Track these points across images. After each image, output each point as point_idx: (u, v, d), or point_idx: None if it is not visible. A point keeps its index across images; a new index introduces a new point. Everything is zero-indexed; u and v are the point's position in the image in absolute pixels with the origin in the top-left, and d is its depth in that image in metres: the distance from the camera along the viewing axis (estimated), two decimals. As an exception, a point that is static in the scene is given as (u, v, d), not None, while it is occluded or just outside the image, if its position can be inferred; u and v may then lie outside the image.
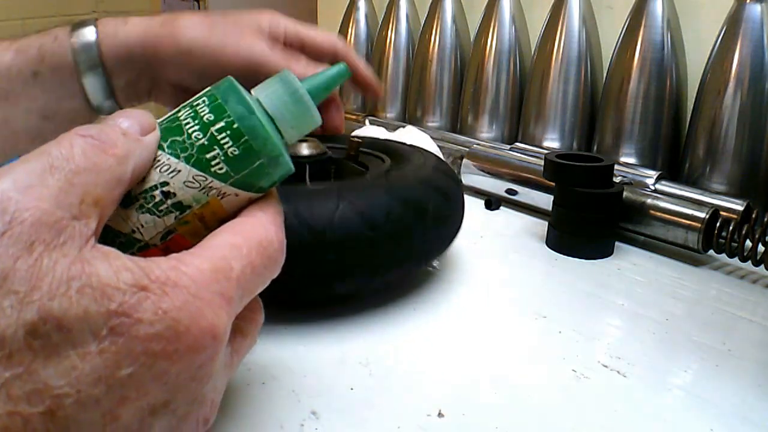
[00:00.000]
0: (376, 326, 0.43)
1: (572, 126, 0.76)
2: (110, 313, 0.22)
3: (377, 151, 0.55)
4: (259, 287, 0.27)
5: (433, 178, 0.47)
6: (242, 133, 0.27)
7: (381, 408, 0.35)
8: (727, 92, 0.63)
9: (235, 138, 0.27)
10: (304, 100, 0.29)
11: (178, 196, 0.27)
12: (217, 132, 0.27)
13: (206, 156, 0.27)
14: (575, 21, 0.74)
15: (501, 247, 0.60)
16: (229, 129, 0.27)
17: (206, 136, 0.27)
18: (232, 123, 0.27)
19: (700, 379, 0.39)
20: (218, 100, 0.27)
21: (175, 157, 0.27)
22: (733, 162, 0.64)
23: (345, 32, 1.02)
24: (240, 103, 0.27)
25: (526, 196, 0.68)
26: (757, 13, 0.61)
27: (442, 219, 0.46)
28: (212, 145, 0.27)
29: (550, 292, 0.51)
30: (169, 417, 0.24)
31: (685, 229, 0.55)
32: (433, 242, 0.46)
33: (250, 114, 0.27)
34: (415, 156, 0.52)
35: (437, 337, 0.43)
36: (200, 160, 0.27)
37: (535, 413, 0.36)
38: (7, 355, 0.21)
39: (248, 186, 0.28)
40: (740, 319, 0.47)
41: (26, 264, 0.21)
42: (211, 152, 0.27)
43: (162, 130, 0.27)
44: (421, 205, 0.44)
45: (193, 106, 0.28)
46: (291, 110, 0.29)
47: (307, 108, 0.29)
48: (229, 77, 0.29)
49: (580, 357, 0.41)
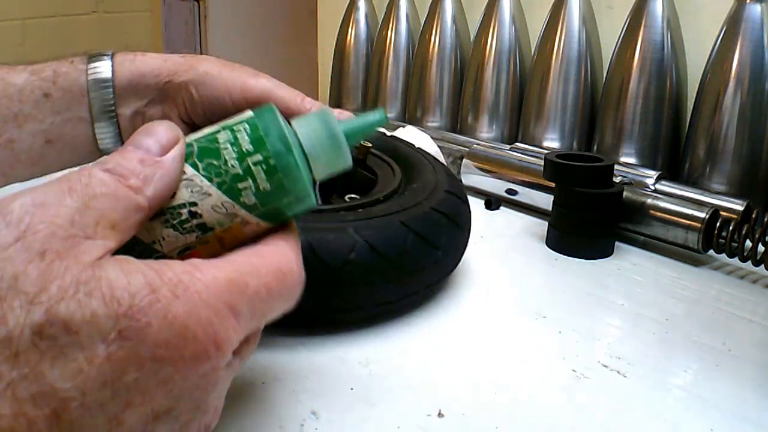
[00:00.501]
0: (376, 326, 0.43)
1: (572, 126, 0.76)
2: (119, 316, 0.22)
3: (385, 155, 0.55)
4: (272, 313, 0.27)
5: (446, 204, 0.47)
6: (277, 170, 0.27)
7: (381, 408, 0.35)
8: (727, 92, 0.63)
9: (270, 173, 0.27)
10: (340, 142, 0.29)
11: (204, 217, 0.27)
12: (254, 164, 0.27)
13: (238, 185, 0.27)
14: (575, 21, 0.74)
15: (501, 247, 0.60)
16: (266, 164, 0.27)
17: (242, 166, 0.27)
18: (269, 158, 0.27)
19: (700, 379, 0.39)
20: (259, 132, 0.27)
21: (209, 180, 0.27)
22: (733, 162, 0.64)
23: (345, 32, 1.02)
24: (280, 140, 0.27)
25: (526, 196, 0.68)
26: (757, 13, 0.61)
27: (454, 248, 0.47)
28: (246, 176, 0.27)
29: (550, 292, 0.51)
30: (172, 423, 0.24)
31: (685, 229, 0.55)
32: (443, 271, 0.47)
33: (287, 152, 0.27)
34: (426, 169, 0.52)
35: (437, 337, 0.43)
36: (232, 188, 0.27)
37: (535, 413, 0.36)
38: (13, 354, 0.21)
39: (271, 218, 0.28)
40: (740, 319, 0.47)
41: (37, 268, 0.21)
42: (244, 182, 0.27)
43: (199, 148, 0.28)
44: (435, 238, 0.44)
45: (234, 130, 0.28)
46: (326, 150, 0.29)
47: (342, 151, 0.29)
48: (270, 104, 0.29)
49: (580, 357, 0.41)
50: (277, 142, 0.27)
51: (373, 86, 0.98)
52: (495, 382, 0.38)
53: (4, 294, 0.21)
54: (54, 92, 0.44)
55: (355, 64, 1.02)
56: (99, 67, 0.46)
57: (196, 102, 0.48)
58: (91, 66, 0.46)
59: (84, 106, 0.45)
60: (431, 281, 0.46)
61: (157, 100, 0.48)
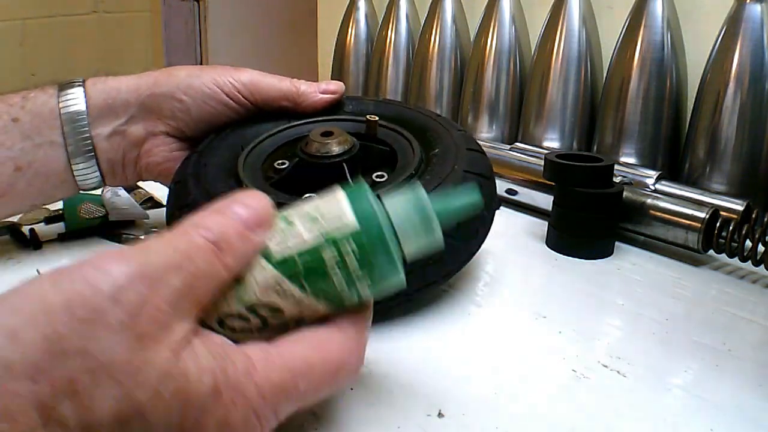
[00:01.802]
0: (376, 326, 0.43)
1: (572, 126, 0.76)
2: (184, 413, 0.23)
3: (394, 125, 0.51)
4: (315, 401, 0.28)
5: (475, 163, 0.46)
6: (378, 284, 0.27)
7: (381, 408, 0.35)
8: (727, 92, 0.63)
9: (372, 287, 0.27)
10: (435, 231, 0.28)
11: (285, 314, 0.27)
12: (359, 279, 0.27)
13: (341, 295, 0.27)
14: (575, 21, 0.74)
15: (501, 247, 0.60)
16: (371, 279, 0.27)
17: (350, 287, 0.27)
18: (374, 276, 0.27)
19: (700, 379, 0.39)
20: (367, 255, 0.27)
21: (315, 297, 0.27)
22: (733, 162, 0.64)
23: (345, 32, 1.02)
24: (390, 264, 0.27)
25: (526, 196, 0.68)
26: (757, 13, 0.61)
27: (492, 201, 0.48)
28: (352, 293, 0.27)
29: (550, 292, 0.51)
30: None
31: (685, 229, 0.55)
32: (488, 228, 0.48)
33: (396, 274, 0.27)
34: (438, 129, 0.50)
35: (437, 337, 0.43)
36: (335, 297, 0.27)
37: (535, 413, 0.36)
38: None
39: None
40: (740, 319, 0.47)
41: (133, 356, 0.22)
42: (347, 293, 0.27)
43: (305, 269, 0.26)
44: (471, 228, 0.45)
45: (339, 248, 0.27)
46: (419, 235, 0.28)
47: (435, 238, 0.28)
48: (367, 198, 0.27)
49: (580, 357, 0.41)
50: (386, 266, 0.27)
51: (373, 86, 0.98)
52: (495, 382, 0.38)
53: (99, 380, 0.21)
54: (22, 116, 0.43)
55: (355, 64, 1.02)
56: (71, 95, 0.44)
57: (186, 107, 0.47)
58: (62, 94, 0.44)
59: (56, 129, 0.43)
60: (480, 241, 0.47)
61: (138, 117, 0.46)
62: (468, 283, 0.51)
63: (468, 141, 0.49)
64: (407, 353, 0.41)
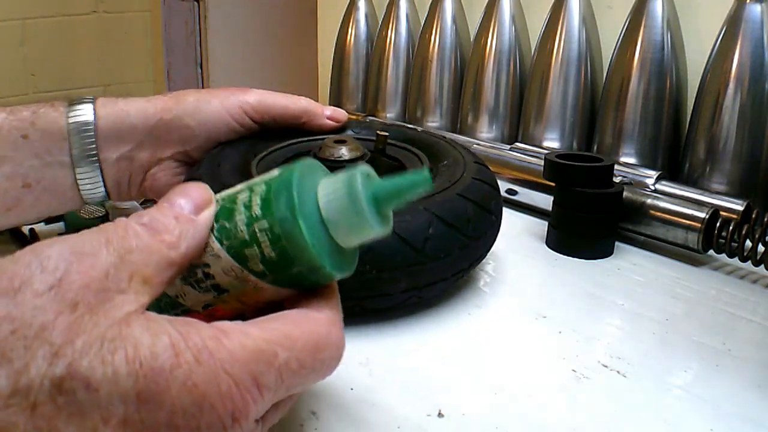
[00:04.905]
0: (376, 326, 0.43)
1: (572, 126, 0.76)
2: (139, 377, 0.22)
3: (403, 143, 0.54)
4: (302, 386, 0.26)
5: (482, 173, 0.48)
6: (280, 238, 0.25)
7: (381, 408, 0.35)
8: (727, 92, 0.63)
9: (274, 242, 0.25)
10: (362, 207, 0.25)
11: (216, 279, 0.26)
12: (259, 231, 0.25)
13: (245, 251, 0.26)
14: (575, 21, 0.74)
15: (501, 247, 0.60)
16: (270, 232, 0.25)
17: (249, 231, 0.26)
18: (274, 225, 0.25)
19: (700, 379, 0.39)
20: (270, 194, 0.25)
21: (219, 242, 0.26)
22: (733, 162, 0.64)
23: (345, 32, 1.02)
24: (287, 205, 0.25)
25: (526, 196, 0.68)
26: (757, 13, 0.61)
27: (499, 211, 0.49)
28: (252, 242, 0.25)
29: (550, 292, 0.51)
30: None
31: (685, 229, 0.55)
32: (496, 232, 0.49)
33: (293, 219, 0.25)
34: (445, 147, 0.52)
35: (437, 336, 0.43)
36: (240, 253, 0.26)
37: (535, 413, 0.36)
38: (31, 406, 0.21)
39: (289, 285, 0.27)
40: (740, 319, 0.47)
41: (66, 320, 0.21)
42: (250, 249, 0.26)
43: (220, 208, 0.27)
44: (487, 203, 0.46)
45: (252, 188, 0.26)
46: (349, 218, 0.26)
47: (364, 217, 0.25)
48: (307, 159, 0.27)
49: (580, 357, 0.41)
50: (283, 207, 0.25)
51: (373, 86, 0.98)
52: (495, 382, 0.38)
53: (30, 343, 0.21)
54: (32, 134, 0.42)
55: (355, 64, 1.02)
56: (80, 110, 0.44)
57: (194, 132, 0.46)
58: (71, 109, 0.44)
59: (65, 150, 0.43)
60: (490, 243, 0.48)
61: (146, 143, 0.46)
62: (468, 283, 0.51)
63: (474, 156, 0.52)
64: (407, 353, 0.41)
